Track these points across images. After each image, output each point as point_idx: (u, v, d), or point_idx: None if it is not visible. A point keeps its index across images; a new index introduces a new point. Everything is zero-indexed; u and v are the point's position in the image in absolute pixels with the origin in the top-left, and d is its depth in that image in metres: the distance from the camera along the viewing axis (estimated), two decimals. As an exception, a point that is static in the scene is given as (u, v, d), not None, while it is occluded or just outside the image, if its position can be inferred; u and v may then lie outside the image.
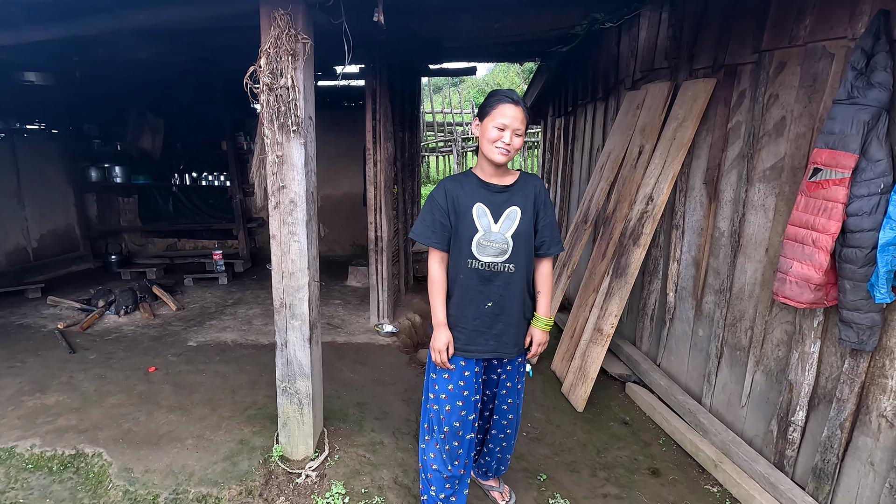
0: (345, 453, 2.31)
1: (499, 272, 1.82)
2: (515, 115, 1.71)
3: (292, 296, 2.13)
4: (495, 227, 1.80)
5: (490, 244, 1.79)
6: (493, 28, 3.64)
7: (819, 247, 1.91)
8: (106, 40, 2.89)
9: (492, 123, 1.72)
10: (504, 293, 1.83)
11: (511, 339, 1.90)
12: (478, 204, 1.79)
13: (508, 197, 1.82)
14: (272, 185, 2.06)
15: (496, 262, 1.81)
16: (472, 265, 1.80)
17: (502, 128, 1.71)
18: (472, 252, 1.79)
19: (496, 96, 1.76)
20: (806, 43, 2.18)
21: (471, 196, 1.80)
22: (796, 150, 2.23)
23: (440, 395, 1.88)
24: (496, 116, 1.71)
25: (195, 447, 2.32)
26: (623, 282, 3.06)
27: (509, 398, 2.04)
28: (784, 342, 2.30)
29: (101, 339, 3.65)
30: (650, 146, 3.17)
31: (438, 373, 1.89)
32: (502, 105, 1.72)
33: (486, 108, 1.76)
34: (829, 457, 2.05)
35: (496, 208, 1.80)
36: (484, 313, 1.84)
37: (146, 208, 6.54)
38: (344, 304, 4.57)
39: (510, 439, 2.15)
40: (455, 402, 1.87)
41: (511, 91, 1.77)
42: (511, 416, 2.08)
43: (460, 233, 1.79)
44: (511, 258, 1.81)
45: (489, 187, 1.82)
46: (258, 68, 1.94)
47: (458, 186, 1.82)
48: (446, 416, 1.87)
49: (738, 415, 2.58)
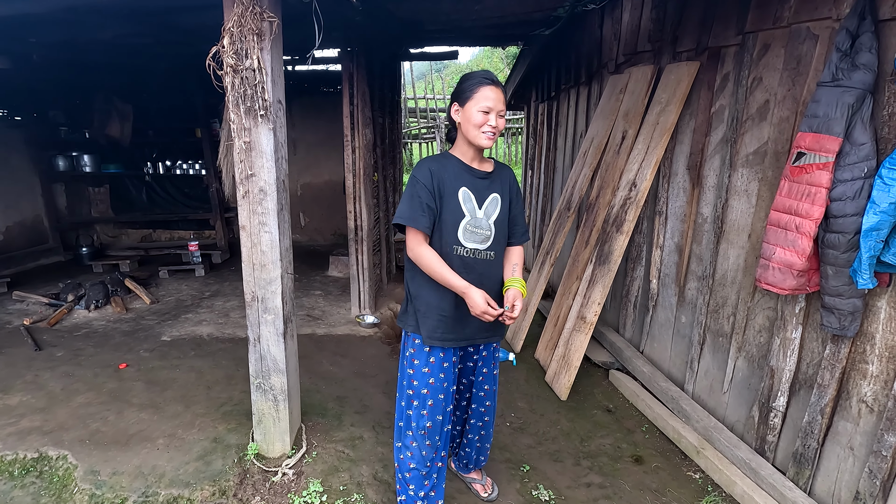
0: (323, 449, 2.25)
1: (480, 259, 1.78)
2: (497, 96, 1.67)
3: (264, 289, 2.05)
4: (480, 212, 1.76)
5: (476, 230, 1.75)
6: (473, 9, 3.53)
7: (802, 232, 1.88)
8: (62, 20, 2.72)
9: (476, 108, 1.66)
10: (484, 281, 1.78)
11: (489, 324, 1.84)
12: (463, 188, 1.74)
13: (490, 183, 1.79)
14: (240, 174, 1.95)
15: (479, 249, 1.77)
16: (457, 252, 1.75)
17: (487, 111, 1.66)
18: (458, 238, 1.74)
19: (474, 79, 1.69)
20: (790, 24, 2.13)
21: (455, 179, 1.74)
22: (780, 134, 2.20)
23: (421, 390, 1.82)
24: (479, 100, 1.66)
25: (166, 447, 2.23)
26: (606, 269, 3.03)
27: (486, 384, 2.02)
28: (766, 328, 2.29)
29: (70, 336, 3.51)
30: (633, 131, 3.12)
31: (417, 368, 1.82)
32: (483, 87, 1.66)
33: (466, 91, 1.69)
34: (810, 442, 2.05)
35: (479, 194, 1.76)
36: (463, 301, 1.76)
37: (119, 198, 6.32)
38: (325, 294, 4.48)
39: (488, 427, 2.11)
40: (437, 396, 1.82)
41: (488, 72, 1.72)
42: (488, 402, 2.05)
43: (445, 218, 1.73)
44: (493, 245, 1.79)
45: (472, 172, 1.77)
46: (221, 49, 1.82)
47: (442, 168, 1.74)
48: (429, 410, 1.82)
49: (721, 401, 2.58)
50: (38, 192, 5.68)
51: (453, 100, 1.75)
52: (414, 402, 1.84)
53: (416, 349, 1.83)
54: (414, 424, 1.85)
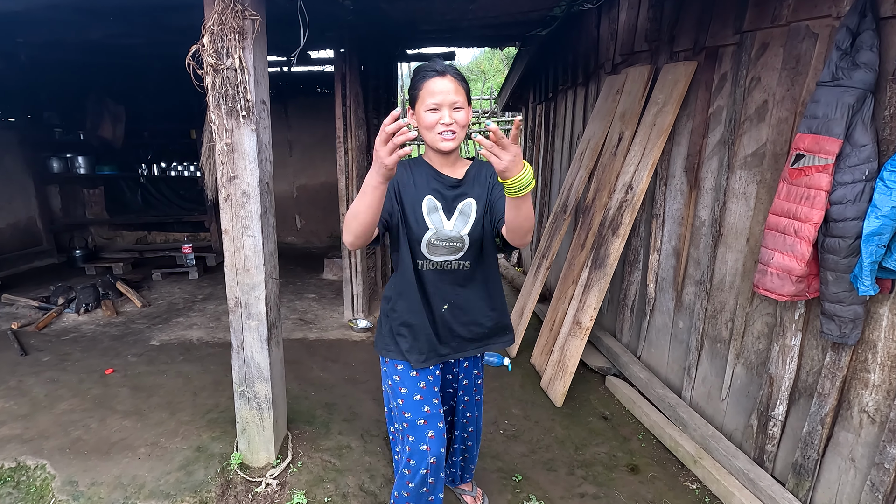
0: (309, 459, 2.19)
1: (452, 271, 1.61)
2: (446, 87, 1.43)
3: (247, 294, 1.99)
4: (448, 223, 1.57)
5: (442, 243, 1.57)
6: (467, 9, 3.48)
7: (801, 237, 1.82)
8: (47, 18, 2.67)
9: (423, 108, 1.46)
10: (460, 292, 1.64)
11: (473, 335, 1.71)
12: (428, 197, 1.56)
13: (463, 189, 1.59)
14: (222, 176, 1.90)
15: (449, 261, 1.60)
16: (424, 266, 1.60)
17: (436, 107, 1.44)
18: (423, 253, 1.58)
19: (418, 74, 1.48)
20: (789, 22, 2.08)
21: (421, 187, 1.57)
22: (778, 135, 2.14)
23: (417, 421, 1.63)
24: (425, 98, 1.45)
25: (148, 456, 2.17)
26: (602, 273, 2.97)
27: (467, 395, 1.88)
28: (764, 335, 2.23)
29: (58, 340, 3.46)
30: (630, 132, 3.06)
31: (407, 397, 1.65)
32: (428, 82, 1.44)
33: (413, 90, 1.49)
34: (810, 452, 1.99)
35: (448, 203, 1.58)
36: (441, 317, 1.65)
37: (113, 200, 6.28)
38: (318, 297, 4.43)
39: (473, 438, 1.97)
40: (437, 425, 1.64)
41: (435, 62, 1.49)
42: (469, 413, 1.91)
43: (409, 230, 1.57)
44: (466, 255, 1.61)
45: (442, 179, 1.58)
46: (201, 47, 1.77)
47: (408, 174, 1.58)
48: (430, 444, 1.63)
49: (718, 408, 2.52)
50: (31, 193, 5.64)
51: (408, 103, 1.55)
52: (410, 438, 1.64)
53: (400, 376, 1.66)
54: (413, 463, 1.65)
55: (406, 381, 1.64)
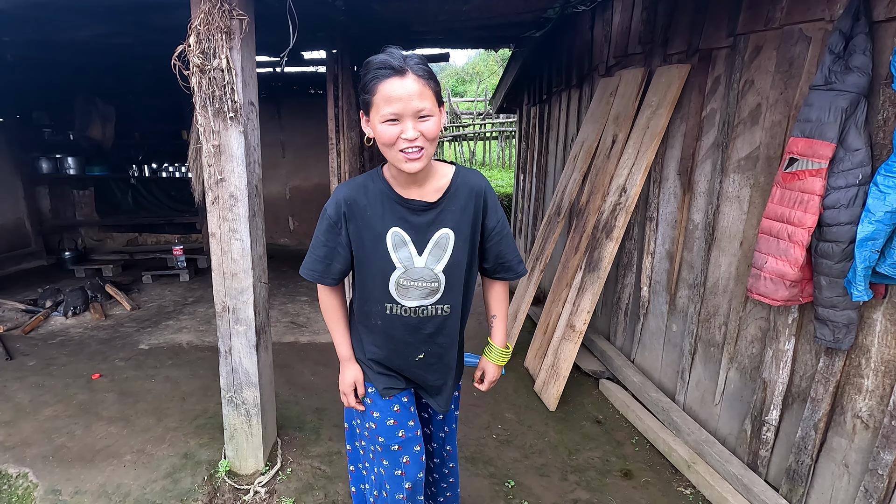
0: (298, 466, 2.15)
1: (429, 317, 1.34)
2: (406, 90, 1.09)
3: (235, 299, 1.96)
4: (419, 259, 1.27)
5: (414, 284, 1.29)
6: (461, 10, 3.46)
7: (795, 241, 1.81)
8: (32, 17, 2.63)
9: (378, 118, 1.12)
10: (438, 340, 1.38)
11: (449, 390, 1.51)
12: (394, 230, 1.26)
13: (436, 216, 1.27)
14: (209, 178, 1.87)
15: (424, 306, 1.32)
16: (394, 311, 1.32)
17: (394, 118, 1.11)
18: (391, 295, 1.30)
19: (370, 72, 1.13)
20: (782, 25, 2.07)
21: (382, 217, 1.26)
22: (772, 138, 2.13)
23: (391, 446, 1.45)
24: (380, 106, 1.11)
25: (134, 463, 2.13)
26: (596, 276, 2.95)
27: (448, 445, 1.67)
28: (758, 339, 2.22)
29: (44, 344, 3.40)
30: (624, 135, 3.05)
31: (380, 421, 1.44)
32: (381, 84, 1.10)
33: (364, 94, 1.16)
34: (803, 458, 1.98)
35: (419, 233, 1.27)
36: (415, 365, 1.42)
37: (104, 201, 6.21)
38: (311, 301, 4.39)
39: (455, 486, 1.77)
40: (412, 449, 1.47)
41: (390, 53, 1.12)
42: (449, 447, 1.69)
43: (371, 269, 1.29)
44: (445, 297, 1.32)
45: (408, 205, 1.26)
46: (187, 48, 1.74)
47: (363, 199, 1.26)
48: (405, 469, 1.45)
49: (712, 413, 2.51)
50: (20, 194, 5.57)
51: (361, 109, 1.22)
52: (384, 462, 1.44)
53: (372, 398, 1.44)
54: (389, 488, 1.46)
55: (378, 405, 1.43)
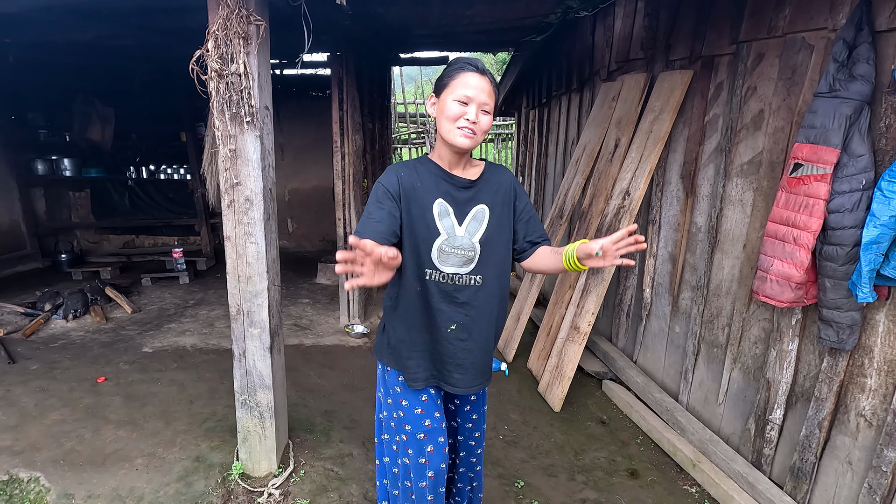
0: (311, 467, 2.16)
1: (464, 286, 1.47)
2: (481, 85, 1.35)
3: (250, 302, 1.97)
4: (460, 229, 1.45)
5: (454, 251, 1.44)
6: (464, 15, 3.49)
7: (800, 244, 1.86)
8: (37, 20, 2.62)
9: (451, 97, 1.35)
10: (470, 312, 1.48)
11: (477, 370, 1.55)
12: (439, 200, 1.44)
13: (475, 193, 1.48)
14: (225, 182, 1.88)
15: (460, 274, 1.46)
16: (432, 277, 1.45)
17: (465, 101, 1.34)
18: (433, 261, 1.44)
19: (456, 65, 1.39)
20: (785, 34, 2.12)
21: (430, 190, 1.44)
22: (774, 144, 2.18)
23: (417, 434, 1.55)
24: (456, 87, 1.35)
25: (146, 467, 2.13)
26: (600, 279, 2.99)
27: (477, 431, 1.73)
28: (761, 340, 2.27)
29: (46, 347, 3.37)
30: (626, 139, 3.10)
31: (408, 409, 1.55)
32: (464, 74, 1.35)
33: (444, 79, 1.39)
34: (808, 456, 2.02)
35: (460, 207, 1.46)
36: (446, 338, 1.49)
37: (100, 203, 6.16)
38: (313, 303, 4.39)
39: (479, 476, 1.83)
40: (437, 440, 1.55)
41: (475, 60, 1.40)
42: (480, 450, 1.77)
43: (416, 236, 1.43)
44: (478, 268, 1.47)
45: (453, 181, 1.46)
46: (206, 53, 1.75)
47: (414, 175, 1.44)
48: (429, 458, 1.55)
49: (715, 412, 2.55)
50: (15, 196, 5.50)
51: (434, 90, 1.45)
52: (410, 451, 1.55)
53: (402, 388, 1.55)
54: (413, 477, 1.57)
55: (407, 394, 1.55)
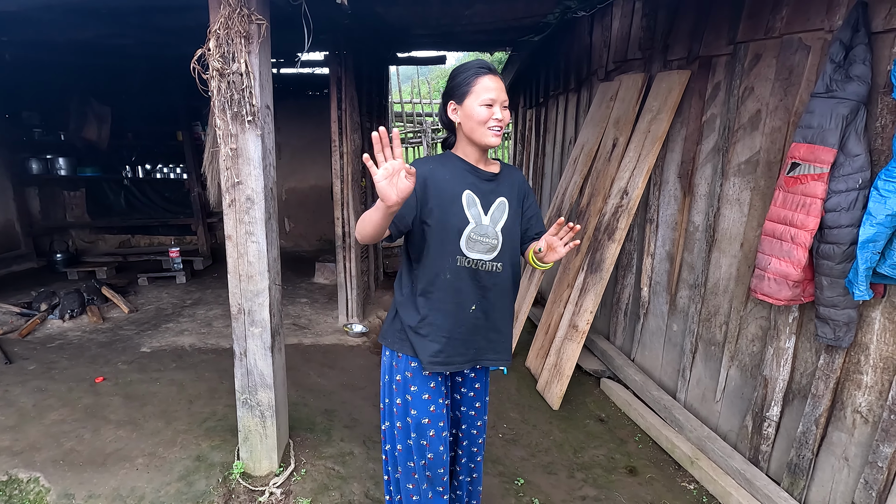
0: (312, 466, 2.17)
1: (486, 272, 1.59)
2: (499, 85, 1.50)
3: (251, 301, 1.97)
4: (485, 218, 1.56)
5: (481, 239, 1.56)
6: (463, 15, 3.51)
7: (798, 243, 1.88)
8: (36, 18, 2.60)
9: (477, 102, 1.48)
10: (489, 295, 1.61)
11: (493, 346, 1.67)
12: (467, 191, 1.54)
13: (496, 186, 1.60)
14: (226, 181, 1.88)
15: (484, 261, 1.57)
16: (460, 262, 1.55)
17: (490, 103, 1.48)
18: (461, 247, 1.54)
19: (469, 70, 1.51)
20: (782, 35, 2.14)
21: (458, 181, 1.54)
22: (772, 144, 2.20)
23: (421, 419, 1.61)
24: (480, 93, 1.48)
25: (146, 467, 2.12)
26: (598, 277, 3.01)
27: (479, 420, 1.80)
28: (759, 337, 2.29)
29: (43, 347, 3.35)
30: (624, 139, 3.12)
31: (416, 395, 1.61)
32: (482, 78, 1.48)
33: (463, 86, 1.51)
34: (804, 452, 2.05)
35: (485, 198, 1.57)
36: (467, 319, 1.59)
37: (96, 202, 6.12)
38: (311, 302, 4.38)
39: (480, 467, 1.89)
40: (438, 424, 1.63)
41: (482, 61, 1.53)
42: (481, 439, 1.84)
43: (447, 224, 1.52)
44: (500, 255, 1.59)
45: (478, 173, 1.58)
46: (207, 52, 1.75)
47: (442, 169, 1.55)
48: (430, 441, 1.62)
49: (713, 410, 2.58)
50: (9, 195, 5.45)
51: (448, 98, 1.55)
52: (413, 435, 1.63)
53: (413, 373, 1.61)
54: (416, 457, 1.64)
55: (417, 379, 1.62)
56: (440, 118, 1.63)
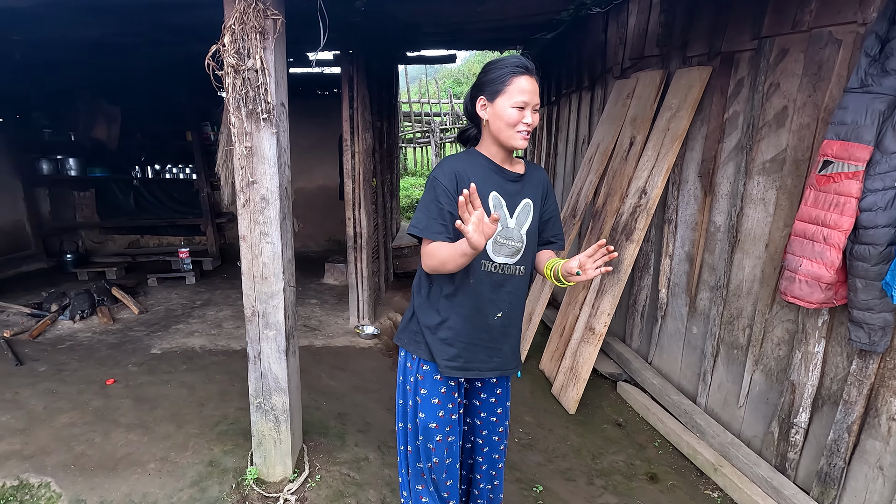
0: (327, 472, 2.12)
1: (510, 276, 1.54)
2: (533, 87, 1.41)
3: (265, 303, 1.92)
4: (511, 221, 1.51)
5: (506, 242, 1.50)
6: (475, 11, 3.45)
7: (831, 244, 1.81)
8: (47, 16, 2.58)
9: (509, 103, 1.40)
10: (513, 300, 1.57)
11: (515, 352, 1.65)
12: (493, 193, 1.48)
13: (522, 187, 1.54)
14: (241, 181, 1.83)
15: (509, 264, 1.52)
16: (485, 267, 1.50)
17: (522, 106, 1.40)
18: (487, 251, 1.49)
19: (505, 67, 1.42)
20: (811, 28, 2.07)
21: (485, 182, 1.47)
22: (799, 141, 2.13)
23: (429, 423, 1.59)
24: (513, 94, 1.39)
25: (158, 472, 2.09)
26: (616, 279, 2.94)
27: (500, 426, 1.74)
28: (785, 341, 2.22)
29: (53, 349, 3.33)
30: (642, 137, 3.05)
31: (425, 399, 1.59)
32: (518, 78, 1.40)
33: (496, 83, 1.42)
34: (836, 461, 1.98)
35: (511, 199, 1.51)
36: (492, 326, 1.55)
37: (105, 203, 6.12)
38: (321, 303, 4.34)
39: (501, 475, 1.82)
40: (445, 429, 1.60)
41: (520, 58, 1.43)
42: (503, 446, 1.77)
43: None
44: (523, 258, 1.54)
45: (504, 174, 1.51)
46: (222, 48, 1.70)
47: (469, 169, 1.48)
48: (436, 446, 1.59)
49: (735, 415, 2.51)
50: (19, 196, 5.47)
51: (478, 93, 1.47)
52: (420, 438, 1.61)
53: (424, 376, 1.59)
54: (421, 463, 1.63)
55: (428, 383, 1.59)
56: (465, 109, 1.56)
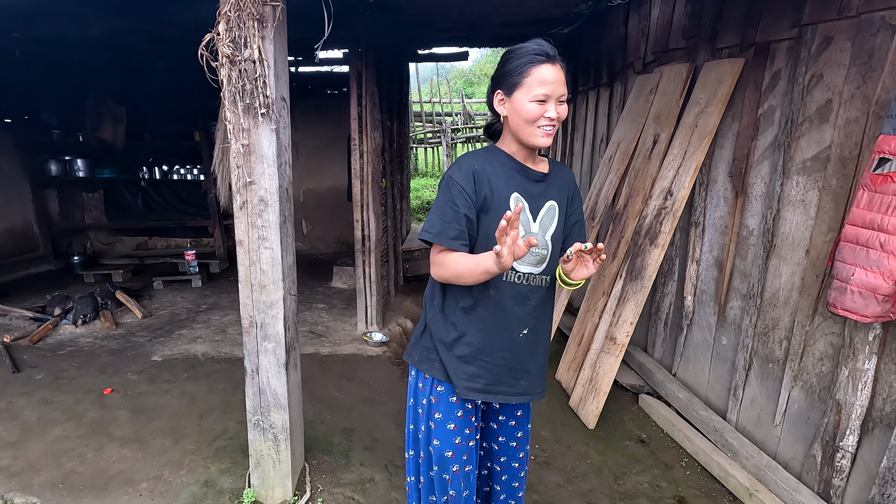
0: (329, 495, 1.97)
1: (536, 287, 1.38)
2: (557, 76, 1.24)
3: (264, 313, 1.79)
4: (534, 225, 1.36)
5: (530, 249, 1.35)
6: (490, 5, 3.30)
7: (889, 251, 1.62)
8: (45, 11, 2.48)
9: (527, 97, 1.24)
10: (540, 315, 1.41)
11: (541, 373, 1.48)
12: (515, 195, 1.33)
13: (545, 188, 1.38)
14: (237, 181, 1.70)
15: (534, 274, 1.37)
16: (508, 277, 1.35)
17: (543, 99, 1.24)
18: None
19: (523, 56, 1.25)
20: (860, 14, 1.89)
21: (506, 182, 1.33)
22: (846, 137, 1.94)
23: (444, 452, 1.44)
24: (532, 86, 1.23)
25: (150, 492, 1.96)
26: (639, 286, 2.77)
27: (520, 452, 1.61)
28: (829, 356, 2.03)
29: (53, 355, 3.24)
30: (667, 135, 2.87)
31: (440, 423, 1.44)
32: (537, 68, 1.23)
33: (513, 75, 1.27)
34: (890, 490, 1.78)
35: (534, 201, 1.36)
36: (518, 344, 1.39)
37: (113, 204, 6.07)
38: (328, 308, 4.21)
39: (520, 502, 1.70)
40: (462, 458, 1.45)
41: (541, 43, 1.26)
42: (523, 472, 1.64)
43: (492, 233, 1.28)
44: (548, 268, 1.40)
45: (526, 173, 1.36)
46: (216, 36, 1.57)
47: (488, 168, 1.33)
48: (452, 477, 1.45)
49: (771, 434, 2.31)
50: (28, 197, 5.43)
51: (496, 86, 1.33)
52: (434, 468, 1.46)
53: (438, 398, 1.44)
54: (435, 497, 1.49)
55: (443, 406, 1.44)
56: (487, 102, 1.40)
